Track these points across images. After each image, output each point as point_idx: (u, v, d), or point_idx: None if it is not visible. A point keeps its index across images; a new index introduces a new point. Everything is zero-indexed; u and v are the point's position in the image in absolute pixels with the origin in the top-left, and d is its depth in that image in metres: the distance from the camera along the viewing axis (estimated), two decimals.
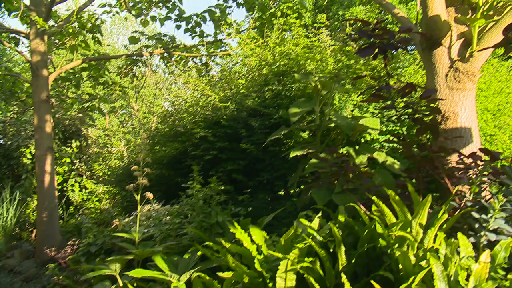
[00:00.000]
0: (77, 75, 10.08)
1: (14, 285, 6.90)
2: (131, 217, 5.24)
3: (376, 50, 3.52)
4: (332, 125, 4.39)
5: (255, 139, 5.09)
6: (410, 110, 3.60)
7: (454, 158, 3.57)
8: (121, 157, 10.57)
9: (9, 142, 10.68)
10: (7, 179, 10.31)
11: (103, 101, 10.97)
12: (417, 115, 3.61)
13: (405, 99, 3.72)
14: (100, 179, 11.20)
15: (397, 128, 4.76)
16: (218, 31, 9.44)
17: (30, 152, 10.41)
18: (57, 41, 9.27)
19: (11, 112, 11.56)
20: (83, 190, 10.89)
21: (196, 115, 5.73)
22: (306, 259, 2.74)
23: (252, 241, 3.11)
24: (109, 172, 10.22)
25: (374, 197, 2.87)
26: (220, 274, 2.83)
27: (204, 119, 5.60)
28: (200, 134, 5.31)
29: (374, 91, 3.62)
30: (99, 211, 9.99)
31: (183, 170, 5.59)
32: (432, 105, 3.58)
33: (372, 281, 2.22)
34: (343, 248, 2.76)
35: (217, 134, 5.32)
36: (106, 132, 12.81)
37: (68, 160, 10.91)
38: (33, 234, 9.84)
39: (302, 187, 4.80)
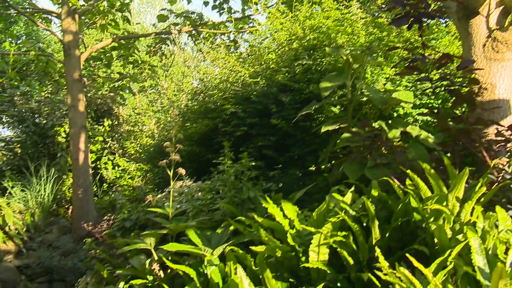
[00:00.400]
0: (107, 55, 10.22)
1: (53, 259, 7.17)
2: (163, 193, 5.32)
3: (411, 20, 3.42)
4: (364, 99, 4.31)
5: (285, 115, 5.05)
6: (446, 82, 3.50)
7: (491, 130, 3.46)
8: (152, 135, 10.71)
9: (44, 121, 10.96)
10: (44, 157, 10.60)
11: (133, 80, 11.11)
12: (453, 87, 3.51)
13: (440, 70, 3.61)
14: (132, 157, 11.40)
15: (432, 101, 4.64)
16: (245, 7, 9.35)
17: (65, 131, 10.66)
18: (87, 20, 9.37)
19: (45, 92, 11.81)
20: (116, 168, 11.12)
21: (226, 91, 5.73)
22: (339, 233, 2.74)
23: (284, 215, 3.11)
24: (140, 150, 10.39)
25: (408, 171, 2.82)
26: (253, 248, 2.85)
27: (234, 95, 5.59)
28: (231, 110, 5.30)
29: (408, 63, 3.53)
30: (131, 188, 10.21)
31: (214, 147, 5.62)
32: (469, 76, 3.47)
33: (407, 254, 2.19)
34: (376, 223, 2.74)
35: (247, 110, 5.30)
36: (137, 110, 12.98)
37: (100, 138, 11.13)
38: (69, 211, 10.15)
39: (333, 162, 4.76)
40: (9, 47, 10.49)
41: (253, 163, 4.37)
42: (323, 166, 4.96)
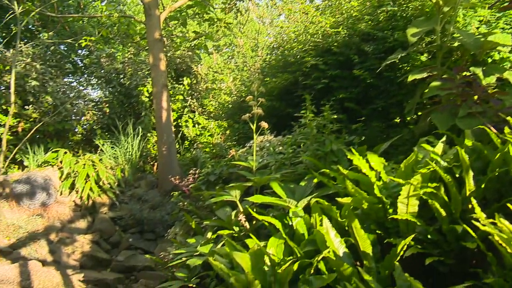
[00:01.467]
0: (183, 13, 10.32)
1: (143, 212, 7.63)
2: (244, 148, 5.40)
3: None
4: (455, 44, 4.02)
5: (368, 65, 4.86)
6: None
7: None
8: (230, 92, 10.84)
9: (128, 82, 11.44)
10: (129, 116, 11.14)
11: (209, 38, 11.20)
12: None
13: None
14: (211, 114, 11.64)
15: None
16: None
17: (148, 91, 11.08)
18: None
19: (128, 53, 12.27)
20: (196, 125, 11.42)
21: (306, 44, 5.59)
22: (429, 184, 2.64)
23: (371, 167, 3.04)
24: (220, 107, 10.57)
25: (508, 118, 2.61)
26: (339, 199, 2.83)
27: (314, 47, 5.45)
28: (311, 63, 5.19)
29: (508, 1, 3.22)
30: (211, 145, 10.46)
31: (294, 101, 5.57)
32: None
33: (508, 204, 2.06)
34: (471, 173, 2.60)
35: (328, 62, 5.17)
36: (214, 69, 13.14)
37: (181, 97, 11.46)
38: (155, 167, 10.68)
39: (420, 113, 4.56)
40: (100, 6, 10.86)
41: (335, 116, 4.28)
42: (408, 118, 4.76)
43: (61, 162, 8.41)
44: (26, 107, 9.87)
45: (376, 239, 2.67)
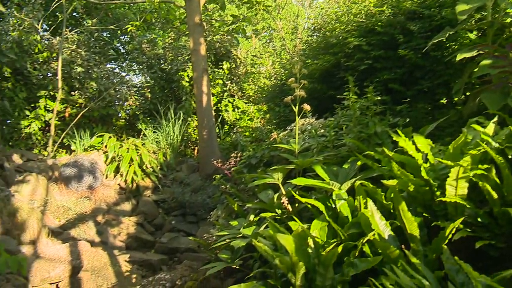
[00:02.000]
0: None
1: (185, 195, 7.76)
2: (285, 131, 5.38)
3: None
4: (508, 20, 3.83)
5: (413, 45, 4.70)
6: None
7: None
8: (269, 76, 10.79)
9: (169, 67, 11.57)
10: (170, 101, 11.30)
11: (247, 21, 11.14)
12: None
13: None
14: (251, 98, 11.64)
15: None
16: None
17: (188, 75, 11.17)
18: None
19: (168, 38, 12.40)
20: (236, 109, 11.45)
21: (349, 24, 5.47)
22: (480, 166, 2.54)
23: (417, 149, 2.97)
24: (259, 91, 10.55)
25: None
26: (384, 182, 2.78)
27: (357, 28, 5.32)
28: (354, 44, 5.08)
29: None
30: (251, 129, 10.49)
31: (336, 83, 5.48)
32: None
33: None
34: None
35: (372, 42, 5.04)
36: (252, 52, 13.11)
37: (220, 81, 11.50)
38: (195, 151, 10.82)
39: (468, 93, 4.39)
40: None
41: (379, 98, 4.18)
42: (456, 98, 4.59)
43: (106, 146, 8.66)
44: (72, 93, 10.18)
45: (422, 222, 2.61)
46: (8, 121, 9.53)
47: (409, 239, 2.49)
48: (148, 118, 11.29)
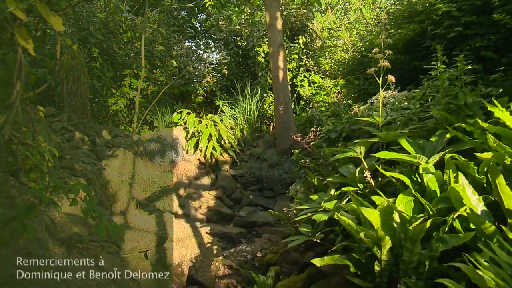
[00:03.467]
0: None
1: (262, 170, 7.85)
2: (366, 105, 5.22)
3: None
4: None
5: (510, 8, 4.32)
6: None
7: None
8: (347, 48, 10.49)
9: (245, 43, 11.61)
10: (246, 77, 11.38)
11: None
12: None
13: None
14: (327, 72, 11.42)
15: None
16: None
17: (264, 51, 11.15)
18: None
19: (244, 14, 12.42)
20: (312, 84, 11.30)
21: None
22: None
23: None
24: (337, 64, 10.31)
25: None
26: (478, 154, 2.62)
27: None
28: (442, 10, 4.76)
29: None
30: (327, 104, 10.31)
31: (421, 53, 5.19)
32: None
33: None
34: None
35: (463, 7, 4.69)
36: (328, 26, 12.80)
37: (296, 56, 11.38)
38: (271, 127, 10.86)
39: None
40: None
41: (469, 67, 3.91)
42: None
43: (185, 122, 8.92)
44: (154, 71, 10.55)
45: None
46: (97, 99, 10.11)
47: (506, 215, 2.34)
48: (225, 95, 11.46)
